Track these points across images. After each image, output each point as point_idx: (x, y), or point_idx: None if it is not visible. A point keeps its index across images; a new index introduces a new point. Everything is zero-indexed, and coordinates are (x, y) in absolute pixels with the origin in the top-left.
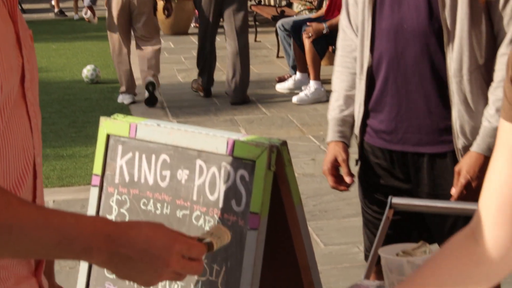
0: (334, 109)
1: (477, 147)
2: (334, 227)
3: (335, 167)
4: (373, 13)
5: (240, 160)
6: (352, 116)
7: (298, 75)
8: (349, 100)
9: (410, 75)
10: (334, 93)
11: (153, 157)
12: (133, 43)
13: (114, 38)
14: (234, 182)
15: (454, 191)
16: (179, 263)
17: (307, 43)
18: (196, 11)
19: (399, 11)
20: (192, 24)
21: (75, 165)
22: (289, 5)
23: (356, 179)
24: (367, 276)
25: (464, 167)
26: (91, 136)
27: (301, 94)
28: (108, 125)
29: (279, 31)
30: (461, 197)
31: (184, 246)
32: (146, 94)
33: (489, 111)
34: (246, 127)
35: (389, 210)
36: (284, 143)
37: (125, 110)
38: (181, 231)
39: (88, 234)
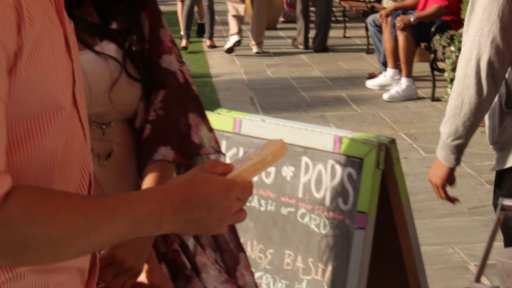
0: None
1: None
2: (428, 227)
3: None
4: None
5: (347, 158)
6: None
7: (389, 71)
8: None
9: None
10: None
11: None
12: None
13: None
14: (341, 180)
15: None
16: (237, 205)
17: (401, 38)
18: (285, 5)
19: None
20: (281, 19)
21: None
22: (379, 0)
23: None
24: (477, 279)
25: None
26: None
27: (392, 91)
28: (212, 120)
29: (369, 26)
30: None
31: (240, 190)
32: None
33: None
34: (336, 124)
35: (500, 212)
36: (393, 141)
37: (215, 104)
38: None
39: (156, 212)
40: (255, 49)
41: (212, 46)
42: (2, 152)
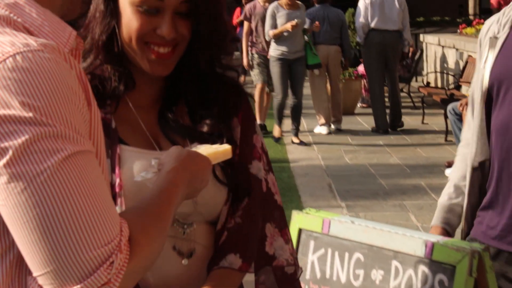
0: (443, 196)
1: None
2: None
3: None
4: (487, 109)
5: (439, 264)
6: (460, 205)
7: None
8: (459, 190)
9: None
10: (449, 181)
11: (346, 254)
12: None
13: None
14: (432, 286)
15: None
16: None
17: None
18: (364, 91)
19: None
20: (359, 105)
21: None
22: (458, 87)
23: None
24: None
25: None
26: None
27: None
28: (300, 220)
29: (449, 114)
30: None
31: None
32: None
33: None
34: (415, 213)
35: None
36: (486, 249)
37: (293, 190)
38: None
39: (184, 191)
40: (334, 126)
41: (301, 143)
42: (112, 203)
